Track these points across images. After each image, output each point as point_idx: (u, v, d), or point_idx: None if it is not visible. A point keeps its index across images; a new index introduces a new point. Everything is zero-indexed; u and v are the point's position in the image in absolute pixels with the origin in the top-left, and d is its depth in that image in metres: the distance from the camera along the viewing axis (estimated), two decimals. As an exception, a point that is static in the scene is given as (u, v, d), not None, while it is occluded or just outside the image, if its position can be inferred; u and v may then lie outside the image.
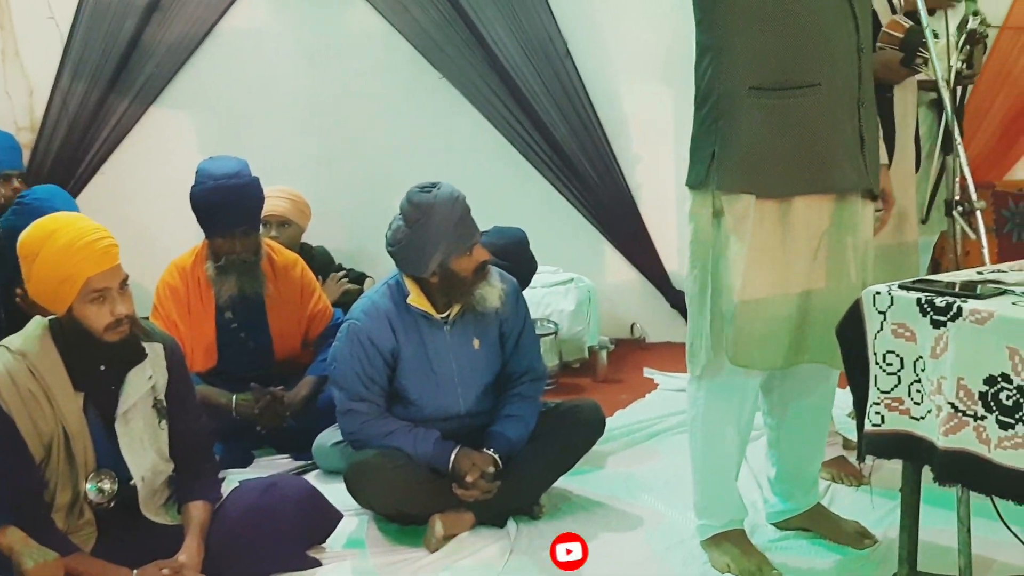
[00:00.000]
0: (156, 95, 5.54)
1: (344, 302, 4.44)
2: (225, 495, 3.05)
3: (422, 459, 3.42)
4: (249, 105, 5.57)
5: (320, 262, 4.83)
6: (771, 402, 3.27)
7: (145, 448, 2.88)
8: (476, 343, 3.57)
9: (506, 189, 5.37)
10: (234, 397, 3.96)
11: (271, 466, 3.99)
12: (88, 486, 2.79)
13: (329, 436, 3.79)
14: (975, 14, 3.91)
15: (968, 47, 3.77)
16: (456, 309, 3.53)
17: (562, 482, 3.70)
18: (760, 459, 3.49)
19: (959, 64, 3.53)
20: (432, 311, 3.50)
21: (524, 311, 3.70)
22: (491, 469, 3.40)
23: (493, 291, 3.50)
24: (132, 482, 2.85)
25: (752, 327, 2.94)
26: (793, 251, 2.95)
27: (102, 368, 2.82)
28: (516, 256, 4.16)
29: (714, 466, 3.18)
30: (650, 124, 5.44)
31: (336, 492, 3.39)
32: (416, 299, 3.48)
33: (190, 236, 4.22)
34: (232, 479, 3.40)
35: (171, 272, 4.09)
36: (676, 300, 5.46)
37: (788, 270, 2.95)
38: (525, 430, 3.55)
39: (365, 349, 3.46)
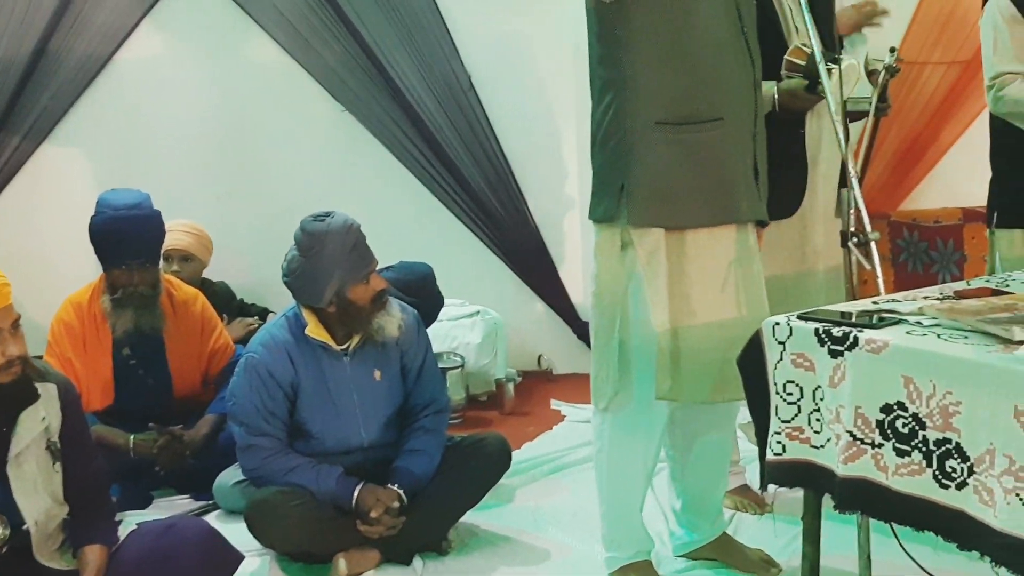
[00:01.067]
0: (49, 130, 5.44)
1: (247, 340, 4.36)
2: (122, 538, 2.94)
3: (325, 496, 3.36)
4: (147, 139, 5.50)
5: (222, 298, 4.78)
6: (674, 436, 3.28)
7: (38, 492, 2.77)
8: (377, 374, 3.54)
9: (412, 223, 5.36)
10: (132, 437, 3.86)
11: (170, 507, 3.90)
12: (-22, 532, 2.70)
13: (230, 475, 3.71)
14: (892, 50, 4.01)
15: (886, 79, 3.87)
16: (356, 340, 3.49)
17: (469, 516, 3.67)
18: (665, 491, 3.49)
19: (874, 97, 3.63)
20: (331, 342, 3.46)
21: (426, 342, 3.68)
22: (396, 505, 3.36)
23: (392, 321, 3.48)
24: (25, 527, 2.74)
25: (677, 360, 2.97)
26: (704, 282, 2.99)
27: None
28: (422, 291, 4.16)
29: (620, 499, 3.18)
30: (554, 157, 5.47)
31: (237, 532, 3.30)
32: (314, 330, 3.44)
33: (87, 273, 4.15)
34: (130, 521, 3.26)
35: (66, 308, 3.99)
36: (582, 331, 5.47)
37: (701, 302, 2.98)
38: (430, 464, 3.52)
39: (264, 382, 3.41)
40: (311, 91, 5.42)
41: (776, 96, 3.30)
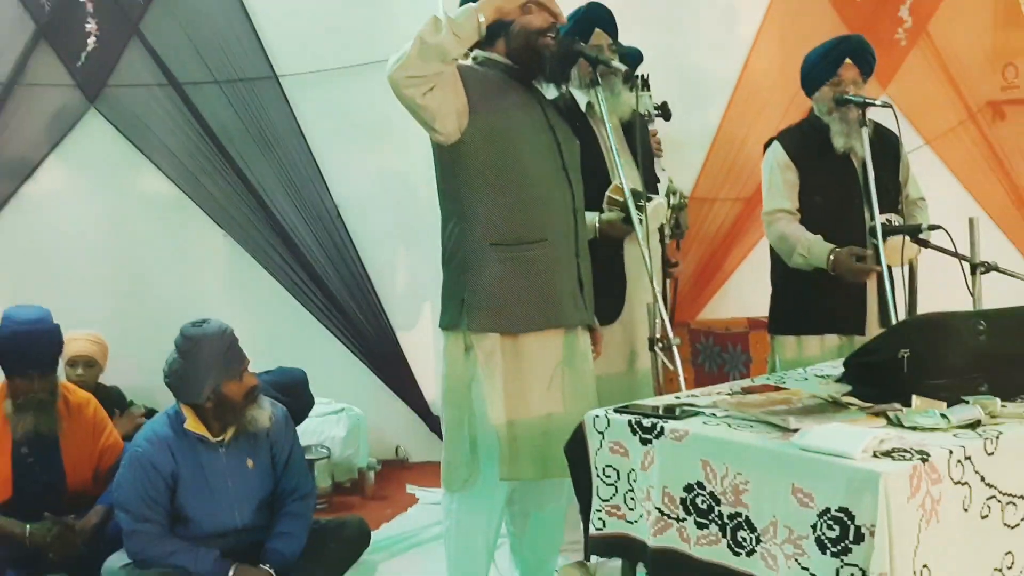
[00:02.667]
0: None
1: (134, 435, 4.25)
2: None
3: None
4: (50, 259, 5.35)
5: (114, 400, 4.64)
6: (512, 513, 3.28)
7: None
8: (250, 463, 3.47)
9: (285, 333, 5.31)
10: (28, 527, 3.68)
11: (63, 591, 3.72)
12: None
13: (117, 559, 3.54)
14: (674, 193, 4.17)
15: (676, 213, 4.01)
16: (231, 432, 3.42)
17: (333, 590, 3.60)
18: (506, 562, 3.47)
19: (671, 225, 3.76)
20: (208, 434, 3.39)
21: (293, 436, 3.63)
22: None
23: (263, 413, 3.42)
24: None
25: (515, 447, 2.98)
26: (534, 380, 3.01)
27: None
28: (296, 393, 4.14)
29: (466, 570, 3.15)
30: (411, 275, 5.50)
31: (123, 612, 3.21)
32: (192, 424, 3.37)
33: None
34: (22, 605, 3.16)
35: (-33, 414, 3.84)
36: (435, 425, 5.45)
37: (532, 396, 3.00)
38: (297, 545, 3.45)
39: (147, 473, 3.32)
40: (197, 218, 5.36)
41: (597, 225, 3.40)
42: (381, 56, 5.02)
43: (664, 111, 4.52)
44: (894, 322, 3.48)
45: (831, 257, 3.60)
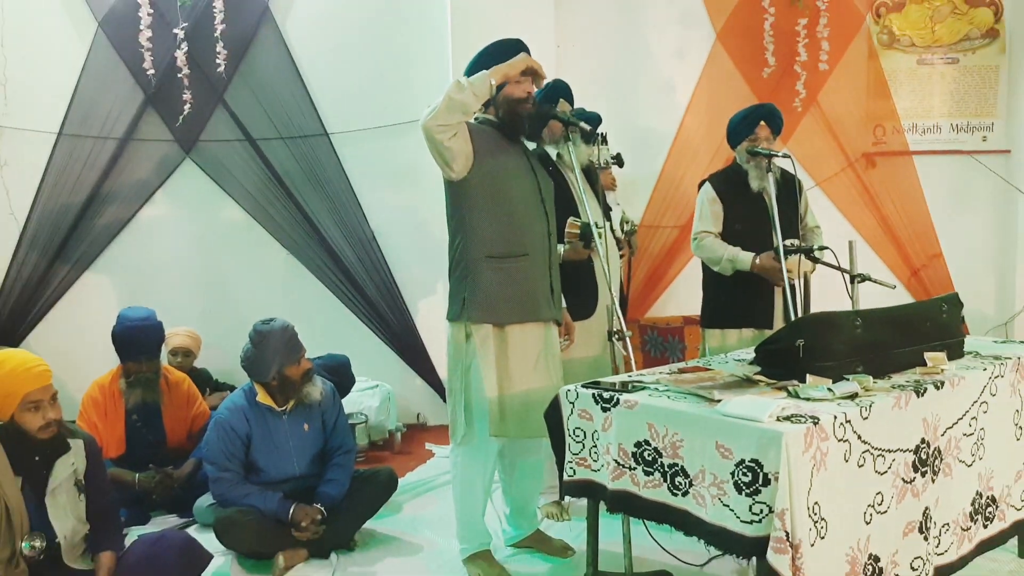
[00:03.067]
0: (90, 263, 5.28)
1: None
2: (127, 546, 2.80)
3: (269, 513, 3.27)
4: (158, 270, 5.34)
5: (203, 379, 4.63)
6: (503, 463, 3.28)
7: (68, 516, 2.64)
8: (306, 427, 3.46)
9: (333, 329, 5.23)
10: (137, 476, 3.71)
11: (163, 523, 3.71)
12: (23, 544, 2.53)
13: (205, 500, 3.59)
14: (627, 222, 4.17)
15: (629, 237, 4.00)
16: (291, 404, 3.41)
17: (369, 524, 3.60)
18: (500, 502, 3.46)
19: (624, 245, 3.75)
20: (274, 405, 3.39)
21: (339, 406, 3.61)
22: (319, 517, 3.28)
23: (316, 389, 3.43)
24: (57, 540, 2.61)
25: (502, 411, 2.97)
26: (520, 361, 3.01)
27: (36, 459, 2.59)
28: (341, 372, 4.14)
29: (469, 507, 3.15)
30: (429, 282, 5.47)
31: (209, 539, 3.20)
32: (262, 397, 3.38)
33: (107, 363, 3.96)
34: (133, 533, 3.15)
35: (93, 388, 3.84)
36: (445, 396, 5.45)
37: (516, 374, 2.99)
38: (342, 489, 3.44)
39: (228, 434, 3.33)
40: (265, 240, 5.33)
41: (563, 252, 3.37)
42: (406, 118, 5.12)
43: (619, 159, 4.52)
44: (793, 319, 3.49)
45: (756, 260, 3.60)
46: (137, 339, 3.74)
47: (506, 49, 3.00)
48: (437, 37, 5.19)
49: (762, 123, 3.74)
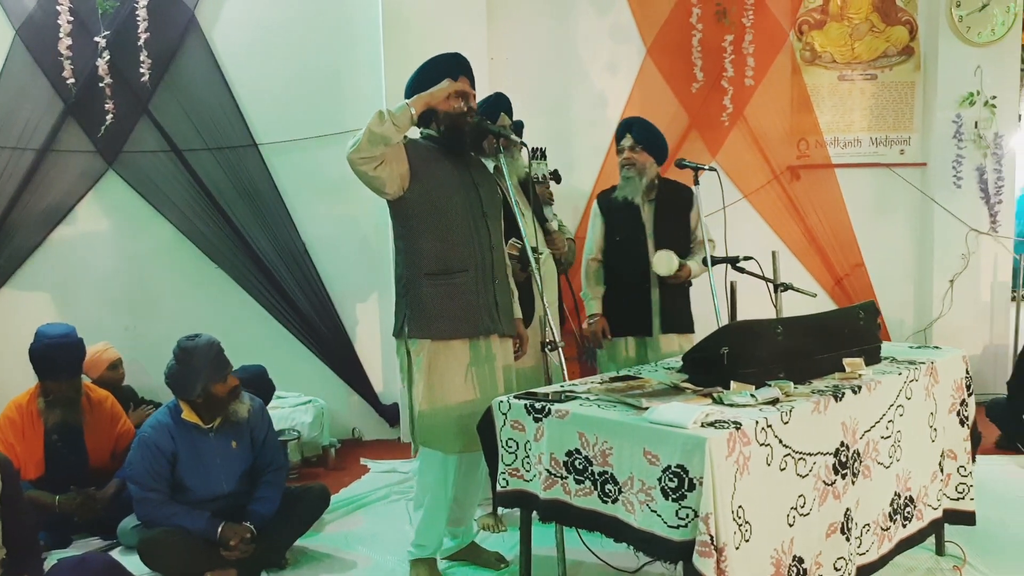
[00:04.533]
0: (7, 279, 5.12)
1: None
2: (47, 571, 2.71)
3: (197, 532, 3.19)
4: (79, 286, 5.20)
5: (127, 396, 4.49)
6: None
7: (-18, 539, 2.54)
8: (234, 444, 3.39)
9: (268, 345, 5.18)
10: (57, 498, 3.57)
11: (86, 546, 3.60)
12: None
13: (129, 521, 3.48)
14: (566, 234, 4.20)
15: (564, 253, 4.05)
16: (218, 421, 3.34)
17: (302, 541, 3.55)
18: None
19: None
20: (200, 422, 3.31)
21: (268, 421, 3.55)
22: (248, 536, 3.22)
23: (243, 407, 3.37)
24: (-28, 565, 2.51)
25: (430, 423, 2.97)
26: (451, 375, 3.01)
27: None
28: (258, 384, 4.12)
29: (436, 514, 3.12)
30: (362, 296, 5.44)
31: (134, 562, 3.13)
32: (188, 415, 3.30)
33: (26, 381, 3.83)
34: (54, 557, 3.05)
35: (10, 407, 3.69)
36: (382, 411, 5.43)
37: (451, 388, 3.00)
38: (272, 507, 3.37)
39: (152, 453, 3.23)
40: (193, 253, 5.23)
41: None
42: (339, 128, 5.10)
43: (556, 176, 4.59)
44: (718, 327, 3.56)
45: (586, 325, 4.06)
46: (56, 357, 3.63)
47: (445, 65, 3.03)
48: (369, 46, 5.19)
49: (627, 135, 3.95)
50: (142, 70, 5.02)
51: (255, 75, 5.24)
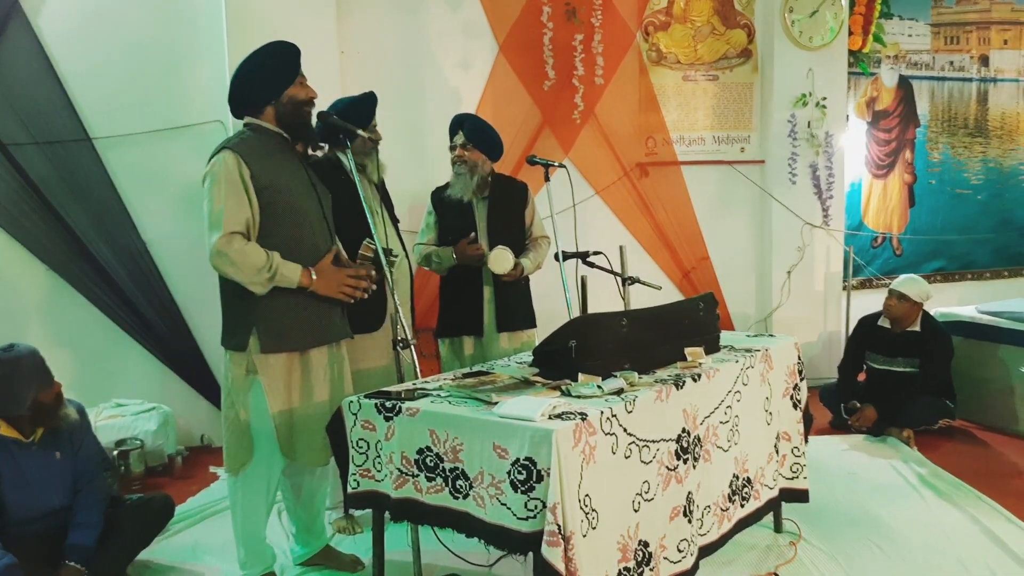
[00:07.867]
0: None
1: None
2: None
3: None
4: None
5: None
6: (287, 484, 3.21)
7: None
8: (58, 455, 3.15)
9: (103, 350, 4.95)
10: None
11: None
12: None
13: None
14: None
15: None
16: (40, 432, 3.11)
17: (144, 555, 3.39)
18: (286, 521, 3.39)
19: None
20: (20, 436, 3.07)
21: (87, 425, 3.30)
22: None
23: (71, 410, 3.17)
24: None
25: (292, 437, 2.92)
26: (313, 385, 2.96)
27: None
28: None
29: (251, 531, 3.06)
30: (209, 299, 5.22)
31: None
32: (5, 430, 3.05)
33: None
34: None
35: None
36: (232, 417, 5.26)
37: (308, 398, 2.95)
38: (94, 532, 3.10)
39: None
40: (20, 255, 4.87)
41: None
42: (180, 122, 4.89)
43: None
44: (568, 319, 3.66)
45: (454, 255, 3.87)
46: None
47: (283, 57, 2.93)
48: (212, 37, 5.00)
49: (459, 132, 3.99)
50: (-43, 57, 4.66)
51: (87, 65, 4.93)
